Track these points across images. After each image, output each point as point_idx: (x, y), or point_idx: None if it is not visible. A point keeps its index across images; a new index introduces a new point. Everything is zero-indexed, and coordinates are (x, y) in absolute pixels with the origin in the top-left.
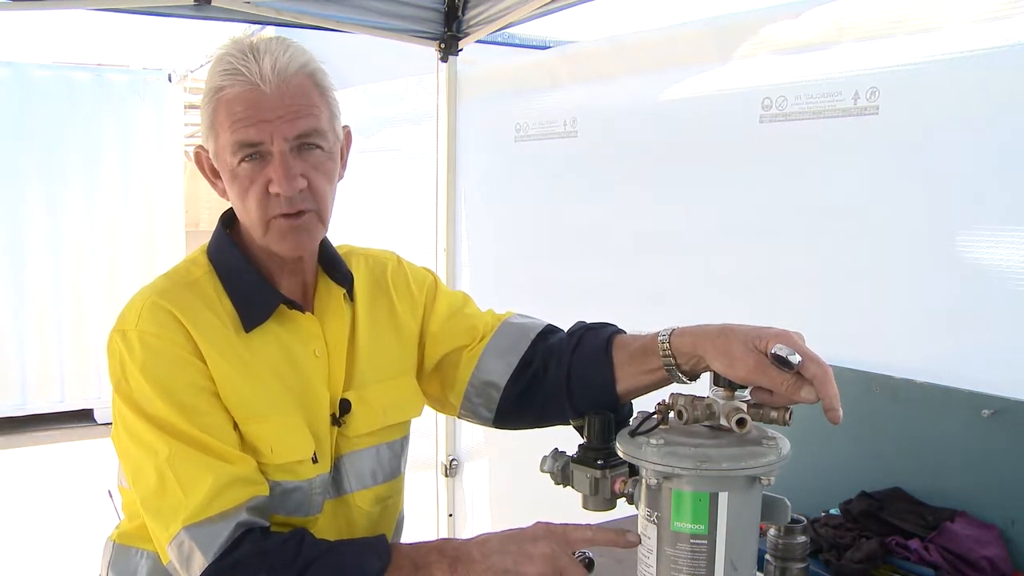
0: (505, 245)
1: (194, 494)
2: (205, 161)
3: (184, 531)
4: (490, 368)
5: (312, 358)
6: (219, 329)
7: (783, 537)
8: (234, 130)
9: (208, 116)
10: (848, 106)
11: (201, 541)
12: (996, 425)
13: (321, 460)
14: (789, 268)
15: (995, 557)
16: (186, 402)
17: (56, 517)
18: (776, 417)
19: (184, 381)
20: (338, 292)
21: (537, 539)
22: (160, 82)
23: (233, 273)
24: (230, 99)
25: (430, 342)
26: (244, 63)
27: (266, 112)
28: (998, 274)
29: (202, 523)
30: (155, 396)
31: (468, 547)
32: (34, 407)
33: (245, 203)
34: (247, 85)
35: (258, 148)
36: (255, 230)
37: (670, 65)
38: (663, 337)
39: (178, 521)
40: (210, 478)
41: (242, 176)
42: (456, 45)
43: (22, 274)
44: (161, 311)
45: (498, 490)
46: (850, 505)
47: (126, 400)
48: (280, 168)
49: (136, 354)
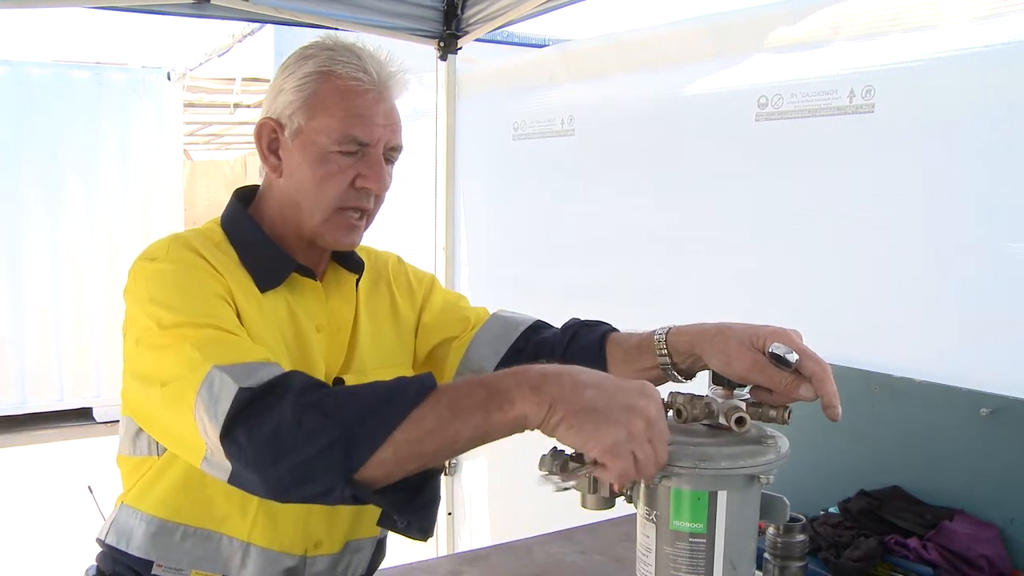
0: (503, 242)
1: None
2: (268, 133)
3: (216, 368)
4: (479, 355)
5: (314, 332)
6: (242, 280)
7: (782, 536)
8: (348, 123)
9: (307, 94)
10: (844, 104)
11: (235, 373)
12: (995, 424)
13: None
14: (785, 266)
15: (993, 556)
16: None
17: (56, 516)
18: (775, 416)
19: (210, 290)
20: (349, 277)
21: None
22: (159, 80)
23: (248, 242)
24: (350, 91)
25: (422, 333)
26: (372, 64)
27: (381, 118)
28: (996, 272)
29: (236, 366)
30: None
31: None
32: (33, 406)
33: (321, 186)
34: (371, 86)
35: (363, 147)
36: (313, 214)
37: (666, 63)
38: (659, 335)
39: (209, 362)
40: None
41: (333, 163)
42: (455, 43)
43: (21, 273)
44: (185, 243)
45: (497, 489)
46: (849, 504)
47: (148, 315)
48: (378, 168)
49: (167, 269)
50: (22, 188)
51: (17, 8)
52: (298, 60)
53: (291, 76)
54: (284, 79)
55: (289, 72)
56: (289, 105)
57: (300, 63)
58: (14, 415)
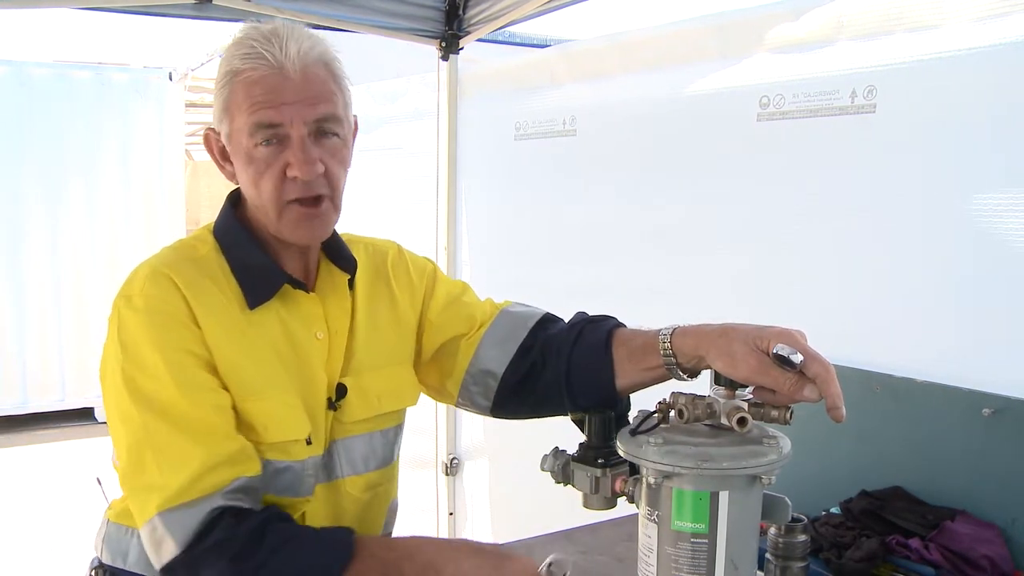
0: (505, 243)
1: (176, 475)
2: (215, 143)
3: (158, 516)
4: (488, 356)
5: (313, 340)
6: (222, 304)
7: (784, 536)
8: (253, 111)
9: (224, 98)
10: (845, 104)
11: (173, 528)
12: (996, 424)
13: (315, 442)
14: (787, 266)
15: (995, 556)
16: (180, 370)
17: (56, 516)
18: (777, 416)
19: (179, 346)
20: (342, 278)
21: (513, 558)
22: (161, 81)
23: (239, 251)
24: (251, 82)
25: (428, 330)
26: (267, 47)
27: (287, 95)
28: (998, 272)
29: (178, 508)
30: (149, 360)
31: (442, 560)
32: (35, 406)
33: (259, 186)
34: (269, 69)
35: (277, 131)
36: (268, 214)
37: (669, 63)
38: (664, 336)
39: (152, 505)
40: (200, 456)
41: (258, 159)
42: (457, 44)
43: (22, 273)
44: (164, 279)
45: (499, 489)
46: (850, 504)
47: (118, 367)
48: (299, 152)
49: (137, 318)
50: (23, 188)
51: (19, 8)
52: (220, 63)
53: (216, 82)
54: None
55: (216, 78)
56: (216, 114)
57: (220, 66)
58: (15, 415)
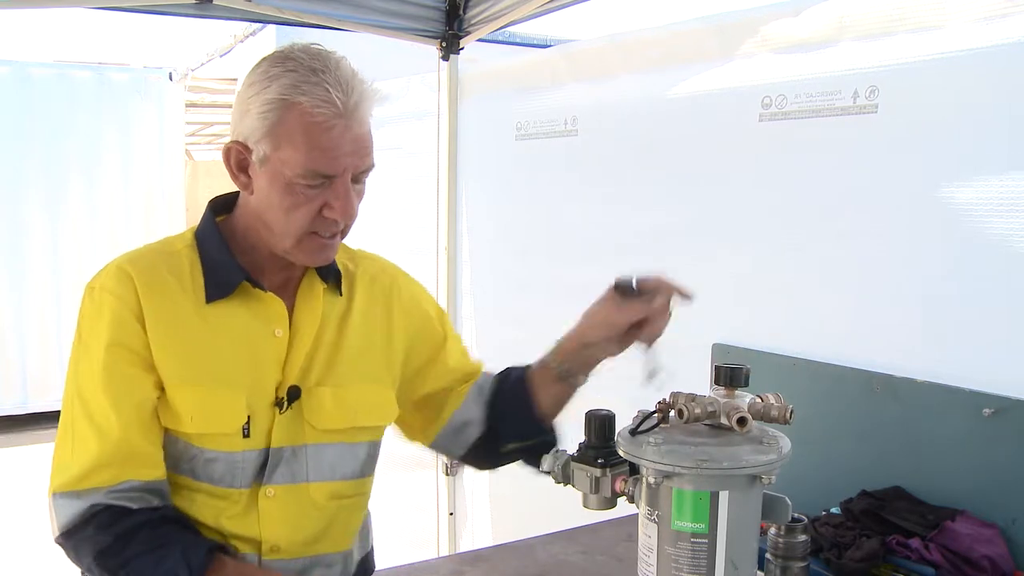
0: (505, 243)
1: (78, 463)
2: (236, 155)
3: (53, 496)
4: (468, 409)
5: (271, 338)
6: (177, 297)
7: (784, 536)
8: (312, 158)
9: (271, 121)
10: (847, 104)
11: (60, 511)
12: (997, 424)
13: (254, 437)
14: (788, 266)
15: (996, 556)
16: (113, 363)
17: None
18: (777, 416)
19: (119, 340)
20: (319, 285)
21: None
22: (161, 81)
23: (210, 254)
24: (314, 123)
25: (430, 377)
26: (340, 90)
27: (346, 146)
28: (998, 272)
29: (68, 494)
30: (92, 348)
31: None
32: (35, 406)
33: (289, 215)
34: (336, 119)
35: (328, 179)
36: (283, 238)
37: (670, 63)
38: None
39: (55, 483)
40: (94, 452)
41: (299, 193)
42: (457, 44)
43: (23, 273)
44: (124, 275)
45: (499, 489)
46: (851, 504)
47: (74, 347)
48: (344, 199)
49: (92, 308)
50: (24, 188)
51: (19, 8)
52: (263, 78)
53: (256, 97)
54: (250, 98)
55: (255, 91)
56: (255, 131)
57: (265, 83)
58: (16, 415)
